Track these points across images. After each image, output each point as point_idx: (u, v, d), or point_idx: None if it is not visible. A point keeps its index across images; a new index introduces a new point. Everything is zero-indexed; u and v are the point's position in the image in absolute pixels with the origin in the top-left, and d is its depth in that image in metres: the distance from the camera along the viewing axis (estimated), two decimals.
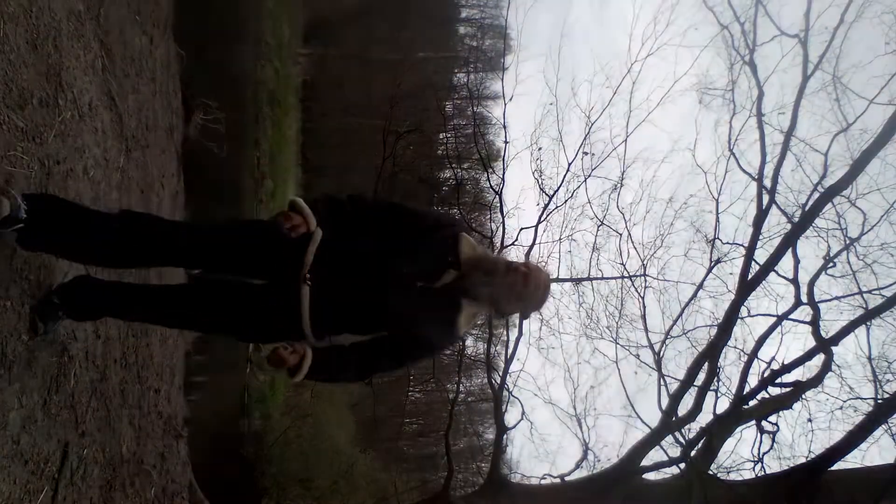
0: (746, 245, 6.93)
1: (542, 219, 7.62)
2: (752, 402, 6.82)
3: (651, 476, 6.90)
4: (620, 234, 7.74)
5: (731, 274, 7.29)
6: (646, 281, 7.66)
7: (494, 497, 6.73)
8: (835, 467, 5.99)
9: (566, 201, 7.82)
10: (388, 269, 2.25)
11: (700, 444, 6.72)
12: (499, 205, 7.77)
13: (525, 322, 7.46)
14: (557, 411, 7.93)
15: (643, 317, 7.39)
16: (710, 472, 6.42)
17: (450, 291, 2.29)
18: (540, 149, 8.10)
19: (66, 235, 2.12)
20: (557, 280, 8.55)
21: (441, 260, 2.31)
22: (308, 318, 2.22)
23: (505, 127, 7.82)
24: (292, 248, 2.24)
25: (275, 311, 2.27)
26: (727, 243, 7.41)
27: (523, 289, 2.29)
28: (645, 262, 7.72)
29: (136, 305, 2.41)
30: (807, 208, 6.47)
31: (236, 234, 2.34)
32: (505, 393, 7.49)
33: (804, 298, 6.66)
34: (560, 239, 8.16)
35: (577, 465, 7.33)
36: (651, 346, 7.25)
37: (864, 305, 6.38)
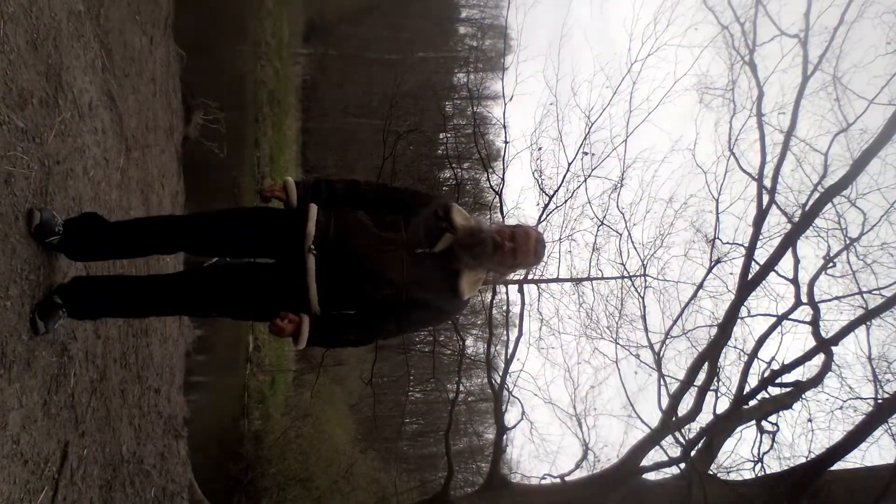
0: (746, 245, 6.93)
1: (542, 219, 7.61)
2: (752, 402, 6.82)
3: (651, 476, 6.90)
4: (620, 234, 7.74)
5: (731, 274, 7.30)
6: (646, 281, 7.66)
7: (494, 497, 6.73)
8: (835, 467, 5.99)
9: (566, 201, 7.82)
10: (388, 236, 2.33)
11: (700, 444, 6.72)
12: (499, 205, 7.76)
13: (525, 322, 7.46)
14: (557, 411, 7.94)
15: (643, 317, 7.40)
16: (710, 472, 6.42)
17: (449, 257, 2.38)
18: (540, 149, 8.10)
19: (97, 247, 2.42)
20: (557, 280, 8.56)
21: (437, 225, 2.41)
22: (315, 290, 2.29)
23: (505, 127, 7.81)
24: (292, 224, 2.32)
25: (282, 286, 2.33)
26: (727, 243, 7.42)
27: (513, 261, 2.42)
28: (645, 262, 7.72)
29: (137, 298, 2.43)
30: (807, 208, 6.46)
31: (238, 217, 2.43)
32: (505, 393, 7.48)
33: (804, 298, 6.66)
34: (560, 239, 8.16)
35: (577, 465, 7.34)
36: (651, 346, 7.25)
37: (864, 305, 6.38)
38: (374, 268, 2.31)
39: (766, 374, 6.70)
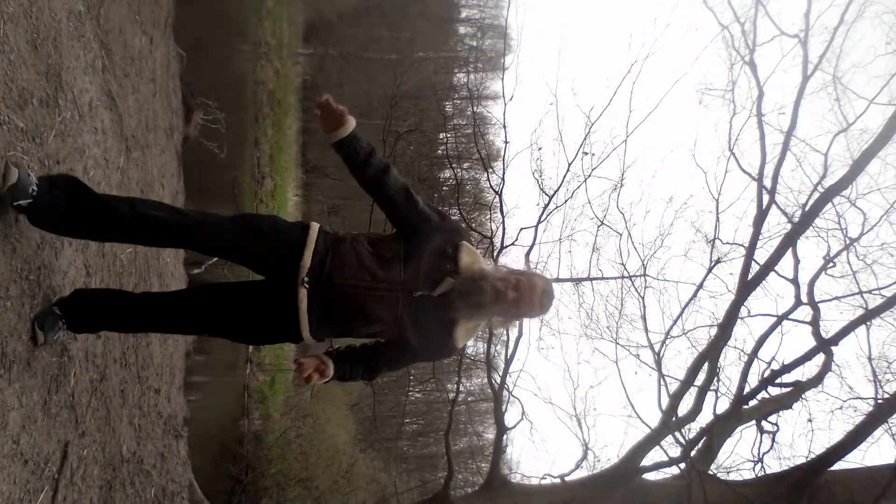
0: (746, 245, 6.93)
1: (542, 219, 7.61)
2: (752, 402, 6.82)
3: (651, 476, 6.90)
4: (620, 235, 7.74)
5: (731, 274, 7.30)
6: (646, 281, 7.65)
7: (494, 497, 6.73)
8: (835, 467, 5.99)
9: (566, 201, 7.82)
10: (383, 276, 2.24)
11: (700, 444, 6.72)
12: (499, 205, 7.76)
13: (525, 323, 7.46)
14: (557, 411, 7.94)
15: (643, 317, 7.39)
16: (710, 472, 6.43)
17: (448, 302, 2.27)
18: (540, 149, 8.10)
19: (78, 221, 2.19)
20: (557, 280, 8.55)
21: (440, 266, 2.29)
22: (307, 322, 2.25)
23: (505, 127, 7.81)
24: (290, 249, 2.26)
25: (273, 314, 2.28)
26: (727, 243, 7.42)
27: (516, 312, 2.34)
28: (645, 262, 7.72)
29: (135, 314, 2.40)
30: (807, 208, 6.46)
31: (240, 228, 2.31)
32: (505, 393, 7.48)
33: (804, 298, 6.66)
34: (560, 239, 8.16)
35: (577, 465, 7.34)
36: (651, 346, 7.25)
37: (864, 305, 6.38)
38: (365, 307, 2.24)
39: (766, 374, 6.71)
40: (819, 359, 6.59)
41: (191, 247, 2.36)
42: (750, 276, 6.77)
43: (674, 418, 6.83)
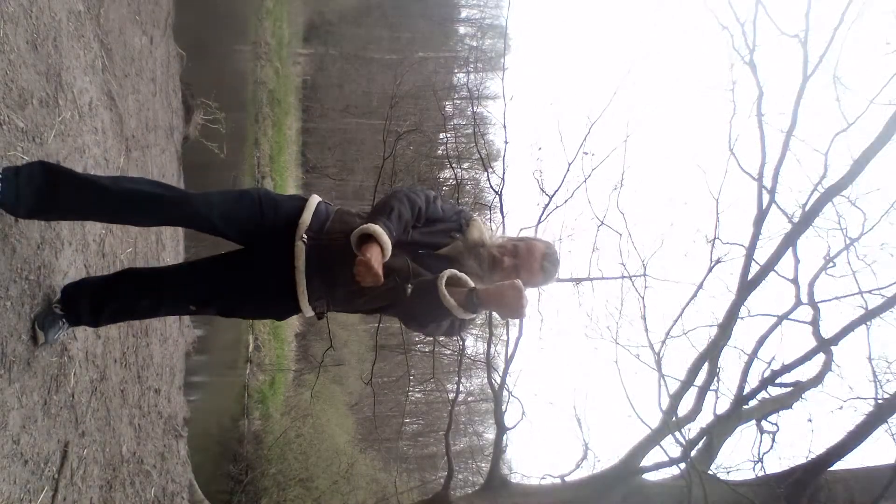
0: (746, 245, 6.92)
1: (542, 219, 7.61)
2: (752, 402, 6.82)
3: (651, 476, 6.90)
4: (620, 235, 7.73)
5: (731, 274, 7.30)
6: (646, 281, 7.65)
7: (494, 497, 6.73)
8: (835, 467, 5.99)
9: (566, 201, 7.81)
10: (389, 264, 2.10)
11: (700, 444, 6.72)
12: (499, 205, 7.76)
13: (525, 323, 7.46)
14: (557, 411, 7.94)
15: (643, 317, 7.39)
16: (710, 472, 6.42)
17: (450, 261, 2.14)
18: (540, 149, 8.10)
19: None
20: (557, 280, 8.54)
21: (448, 234, 2.20)
22: (304, 284, 2.11)
23: (505, 127, 7.81)
24: (288, 215, 2.16)
25: (271, 282, 2.15)
26: (727, 243, 7.41)
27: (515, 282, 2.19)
28: (645, 262, 7.72)
29: (133, 291, 2.27)
30: (807, 208, 6.46)
31: (231, 197, 2.20)
32: (505, 393, 7.48)
33: (804, 298, 6.66)
34: (560, 239, 8.15)
35: (578, 465, 7.34)
36: (651, 346, 7.25)
37: (865, 305, 6.37)
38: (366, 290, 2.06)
39: (766, 374, 6.70)
40: (819, 359, 6.59)
41: (179, 221, 2.22)
42: (750, 276, 6.77)
43: (674, 418, 6.82)
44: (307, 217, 2.14)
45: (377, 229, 1.99)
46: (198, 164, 6.60)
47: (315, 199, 2.22)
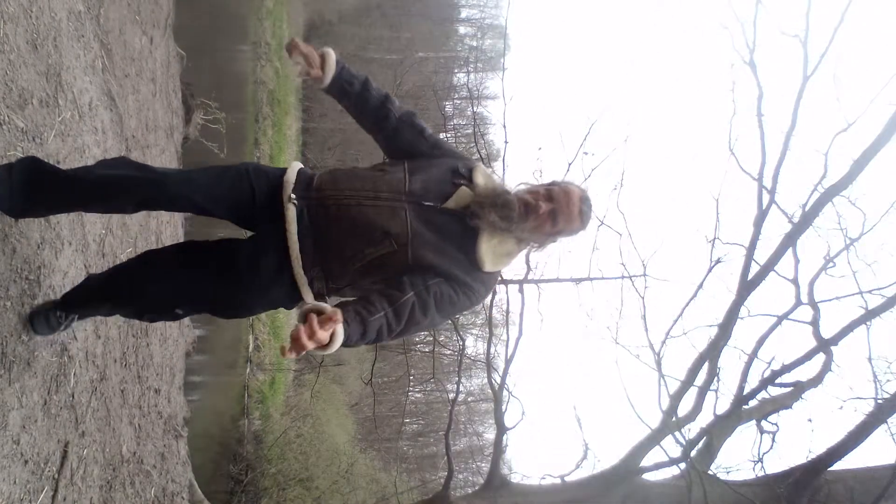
0: (746, 245, 6.93)
1: None
2: (752, 402, 6.82)
3: (651, 476, 6.90)
4: (620, 235, 7.73)
5: (731, 274, 7.30)
6: (646, 281, 7.65)
7: (494, 497, 6.73)
8: (835, 467, 5.99)
9: None
10: (386, 181, 1.91)
11: (700, 444, 6.72)
12: None
13: (525, 322, 7.46)
14: (557, 411, 7.94)
15: (643, 317, 7.39)
16: (710, 472, 6.42)
17: (464, 215, 1.88)
18: (540, 149, 8.10)
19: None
20: (557, 280, 8.56)
21: (451, 180, 1.93)
22: (297, 248, 1.86)
23: (505, 127, 7.81)
24: (272, 180, 1.96)
25: (257, 250, 1.91)
26: (727, 243, 7.42)
27: (552, 227, 1.92)
28: (645, 262, 7.72)
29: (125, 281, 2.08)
30: (807, 208, 6.46)
31: (212, 171, 2.01)
32: (505, 393, 7.48)
33: (804, 298, 6.66)
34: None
35: (578, 465, 7.34)
36: (651, 346, 7.25)
37: (865, 305, 6.38)
38: (368, 220, 1.84)
39: (766, 374, 6.70)
40: (819, 359, 6.59)
41: (162, 205, 2.02)
42: (750, 276, 6.77)
43: (674, 418, 6.82)
44: (291, 176, 1.94)
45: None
46: (198, 165, 6.58)
47: (297, 164, 2.05)
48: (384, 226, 1.83)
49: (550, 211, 1.88)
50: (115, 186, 1.93)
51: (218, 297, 1.98)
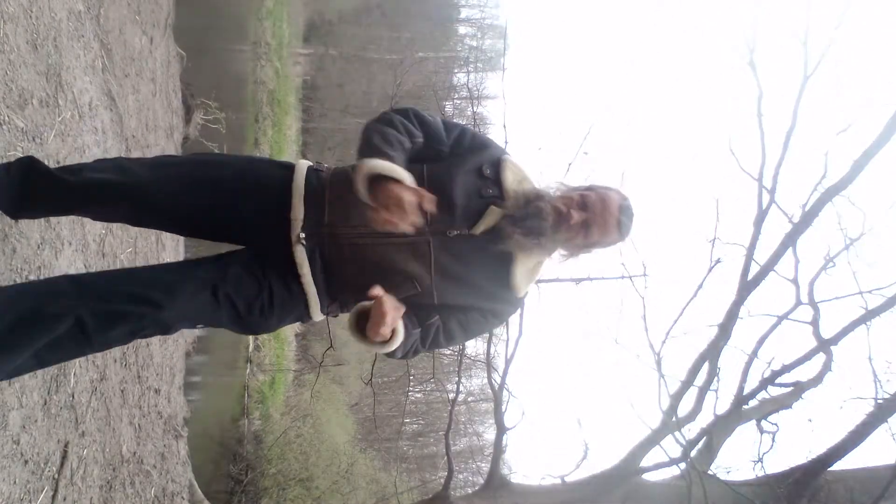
0: (746, 245, 6.93)
1: None
2: (752, 402, 6.83)
3: (651, 476, 6.90)
4: None
5: (731, 274, 7.31)
6: (646, 281, 7.66)
7: (494, 497, 6.73)
8: (835, 467, 5.99)
9: None
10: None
11: (700, 444, 6.72)
12: None
13: (525, 322, 7.46)
14: (557, 411, 7.94)
15: (643, 317, 7.39)
16: (710, 472, 6.43)
17: (496, 237, 1.67)
18: (539, 149, 8.11)
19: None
20: (557, 281, 8.57)
21: (479, 193, 1.70)
22: (315, 295, 1.70)
23: (505, 127, 7.81)
24: (272, 200, 1.71)
25: (273, 288, 1.71)
26: (727, 243, 7.42)
27: (585, 239, 1.72)
28: (645, 263, 7.72)
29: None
30: (807, 208, 6.47)
31: (199, 180, 1.72)
32: (505, 393, 7.48)
33: (804, 298, 6.67)
34: None
35: (578, 465, 7.34)
36: (651, 346, 7.26)
37: (865, 305, 6.39)
38: (388, 262, 1.66)
39: (766, 374, 6.71)
40: (819, 359, 6.60)
41: (144, 222, 1.85)
42: (750, 276, 6.78)
43: (674, 418, 6.83)
44: (298, 212, 1.68)
45: (380, 165, 1.51)
46: None
47: (302, 173, 1.75)
48: (405, 268, 1.66)
49: (583, 221, 1.68)
50: (97, 193, 1.75)
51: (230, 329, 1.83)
